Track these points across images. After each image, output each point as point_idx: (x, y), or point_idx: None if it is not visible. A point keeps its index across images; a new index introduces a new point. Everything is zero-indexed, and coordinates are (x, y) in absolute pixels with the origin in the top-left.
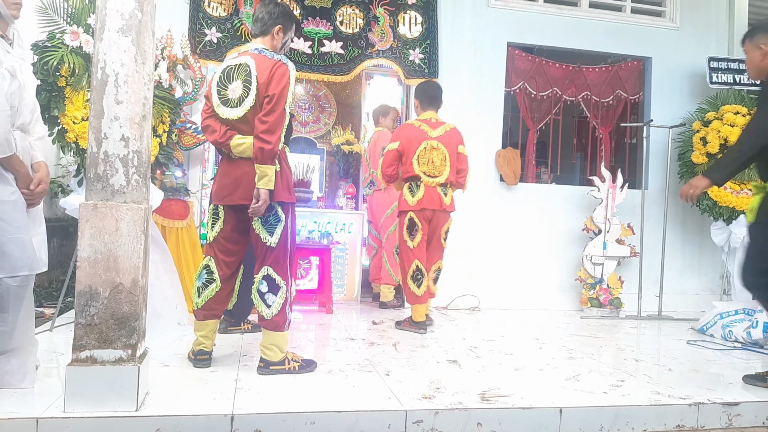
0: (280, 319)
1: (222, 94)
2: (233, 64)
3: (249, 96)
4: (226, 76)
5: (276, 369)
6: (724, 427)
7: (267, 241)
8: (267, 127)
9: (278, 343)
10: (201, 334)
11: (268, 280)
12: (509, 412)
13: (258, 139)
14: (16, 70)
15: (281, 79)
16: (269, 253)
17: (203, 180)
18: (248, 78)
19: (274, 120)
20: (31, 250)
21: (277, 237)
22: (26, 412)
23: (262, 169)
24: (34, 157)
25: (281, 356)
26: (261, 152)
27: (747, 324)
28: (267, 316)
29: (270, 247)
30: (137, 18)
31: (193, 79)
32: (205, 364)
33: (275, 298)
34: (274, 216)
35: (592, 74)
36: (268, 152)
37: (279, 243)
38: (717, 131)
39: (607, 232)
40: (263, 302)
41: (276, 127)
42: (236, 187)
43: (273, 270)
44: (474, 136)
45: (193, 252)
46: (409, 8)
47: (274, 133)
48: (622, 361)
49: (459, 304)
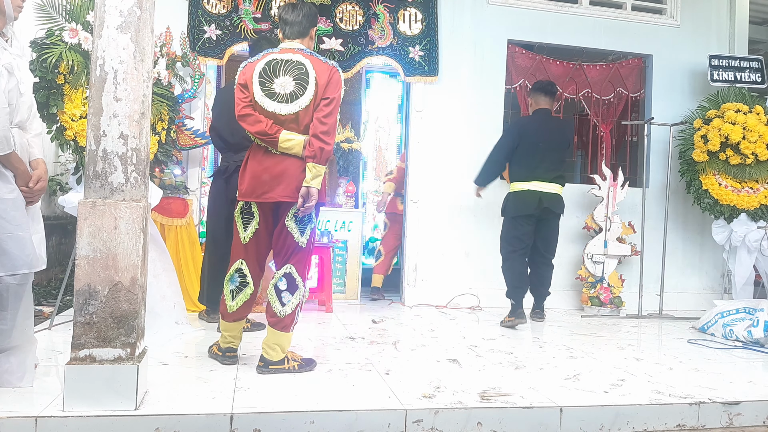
0: (290, 320)
1: (267, 87)
2: (280, 58)
3: (305, 95)
4: (272, 70)
5: (275, 368)
6: (724, 426)
7: (299, 240)
8: (327, 128)
9: (282, 343)
10: (230, 334)
11: (289, 279)
12: (509, 411)
13: (318, 139)
14: (13, 67)
15: (338, 84)
16: (296, 252)
17: (202, 178)
18: (304, 77)
19: (333, 123)
20: (30, 248)
21: (307, 236)
22: (25, 411)
23: (318, 168)
24: (32, 155)
25: (281, 356)
26: (321, 152)
27: (748, 323)
28: (280, 314)
29: (299, 245)
30: (136, 15)
31: (192, 77)
32: (233, 361)
33: (291, 297)
34: (308, 216)
35: (593, 72)
36: (327, 153)
37: (308, 242)
38: (718, 129)
39: (607, 231)
40: (278, 300)
41: (334, 129)
42: (277, 183)
43: (295, 269)
44: (474, 133)
45: (192, 250)
46: (409, 5)
47: (331, 135)
48: (622, 360)
49: (459, 303)
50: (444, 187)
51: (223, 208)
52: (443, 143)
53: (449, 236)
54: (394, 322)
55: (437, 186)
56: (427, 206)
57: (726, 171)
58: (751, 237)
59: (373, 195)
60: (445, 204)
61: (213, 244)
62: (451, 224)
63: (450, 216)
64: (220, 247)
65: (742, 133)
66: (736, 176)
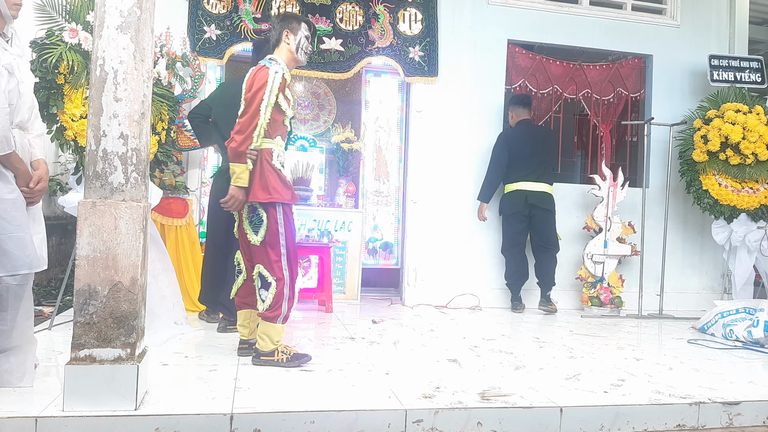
0: (273, 313)
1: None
2: None
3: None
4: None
5: (265, 360)
6: (724, 426)
7: (252, 240)
8: (238, 127)
9: (269, 333)
10: (239, 322)
11: (261, 278)
12: (509, 411)
13: (230, 139)
14: (13, 68)
15: (258, 82)
16: (254, 251)
17: (202, 178)
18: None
19: (244, 120)
20: (31, 249)
21: (261, 236)
22: (25, 411)
23: (232, 166)
24: (33, 155)
25: (272, 347)
26: (230, 151)
27: (748, 323)
28: (260, 309)
29: (254, 245)
30: (136, 15)
31: (192, 77)
32: (244, 353)
33: (267, 293)
34: (256, 216)
35: (593, 72)
36: (233, 150)
37: (263, 242)
38: (718, 129)
39: (607, 231)
40: (259, 296)
41: (245, 127)
42: None
43: (262, 267)
44: (474, 133)
45: (192, 250)
46: (409, 5)
47: (242, 133)
48: (622, 360)
49: (459, 303)
50: (444, 187)
51: (220, 207)
52: (443, 143)
53: (449, 236)
54: (394, 322)
55: (437, 186)
56: (427, 206)
57: (726, 171)
58: (751, 237)
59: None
60: (445, 204)
61: (213, 245)
62: (451, 224)
63: (450, 216)
64: (220, 247)
65: (742, 133)
66: (736, 176)
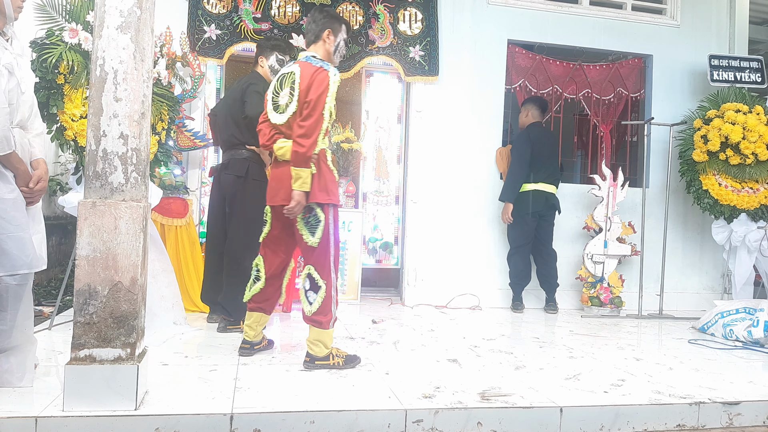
0: (323, 317)
1: (274, 101)
2: (286, 71)
3: (292, 102)
4: (279, 84)
5: (321, 364)
6: (724, 426)
7: (308, 241)
8: (303, 131)
9: (323, 339)
10: (246, 322)
11: (310, 279)
12: (509, 411)
13: (294, 143)
14: (13, 67)
15: (320, 85)
16: (311, 253)
17: (202, 178)
18: (293, 85)
19: (310, 124)
20: (30, 249)
21: (318, 237)
22: (25, 411)
23: (296, 171)
24: (33, 155)
25: (326, 352)
26: (296, 155)
27: (748, 323)
28: (308, 312)
29: (311, 246)
30: (136, 15)
31: (192, 77)
32: (245, 353)
33: (316, 296)
34: (313, 217)
35: (593, 72)
36: (302, 155)
37: (320, 243)
38: (718, 129)
39: (607, 231)
40: (306, 299)
41: (312, 131)
42: (280, 188)
43: (314, 269)
44: (474, 133)
45: (192, 250)
46: (409, 5)
47: (309, 137)
48: (622, 360)
49: (459, 303)
50: (444, 187)
51: (218, 207)
52: (443, 143)
53: (449, 236)
54: (394, 322)
55: (437, 186)
56: (427, 206)
57: (726, 171)
58: (751, 237)
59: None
60: (445, 204)
61: (211, 244)
62: (451, 224)
63: (450, 216)
64: (216, 246)
65: (742, 133)
66: (736, 176)
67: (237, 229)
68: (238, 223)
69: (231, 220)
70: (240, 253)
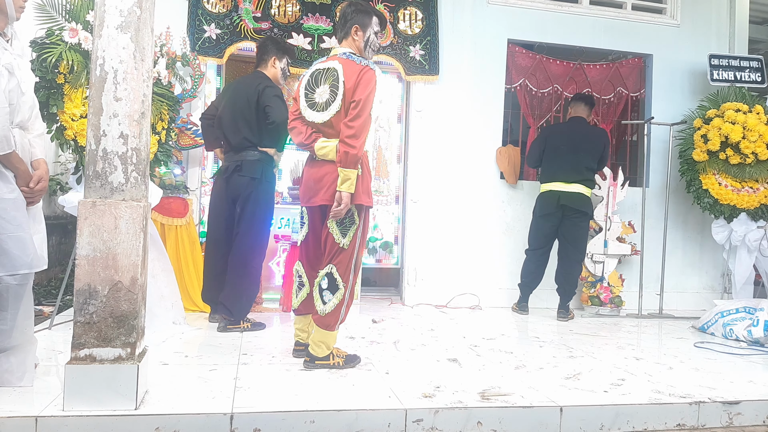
0: (333, 319)
1: (309, 98)
2: (321, 67)
3: (335, 100)
4: (314, 80)
5: (321, 364)
6: (724, 425)
7: (339, 242)
8: (353, 132)
9: (327, 341)
10: (297, 327)
11: (329, 278)
12: (509, 410)
13: (343, 143)
14: (14, 67)
15: (367, 85)
16: (338, 253)
17: (202, 178)
18: (335, 83)
19: (360, 125)
20: (31, 248)
21: (349, 239)
22: (25, 411)
23: (345, 173)
24: (34, 155)
25: (327, 352)
26: (345, 156)
27: (748, 322)
28: (321, 312)
29: (341, 247)
30: (136, 15)
31: (192, 76)
32: (300, 355)
33: (332, 296)
34: (349, 218)
35: (593, 71)
36: (353, 157)
37: (350, 245)
38: (718, 129)
39: (607, 230)
40: (320, 298)
41: (361, 132)
42: (319, 188)
43: (336, 269)
44: (474, 133)
45: (192, 250)
46: (410, 5)
47: (359, 138)
48: (622, 360)
49: (459, 302)
50: (444, 186)
51: (224, 208)
52: (443, 142)
53: (449, 236)
54: (394, 322)
55: (437, 185)
56: (427, 206)
57: (726, 170)
58: (751, 236)
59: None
60: (445, 203)
61: (213, 244)
62: (451, 224)
63: (450, 215)
64: (220, 247)
65: (742, 132)
66: (736, 176)
67: (247, 230)
68: (248, 224)
69: (241, 221)
70: (248, 254)
